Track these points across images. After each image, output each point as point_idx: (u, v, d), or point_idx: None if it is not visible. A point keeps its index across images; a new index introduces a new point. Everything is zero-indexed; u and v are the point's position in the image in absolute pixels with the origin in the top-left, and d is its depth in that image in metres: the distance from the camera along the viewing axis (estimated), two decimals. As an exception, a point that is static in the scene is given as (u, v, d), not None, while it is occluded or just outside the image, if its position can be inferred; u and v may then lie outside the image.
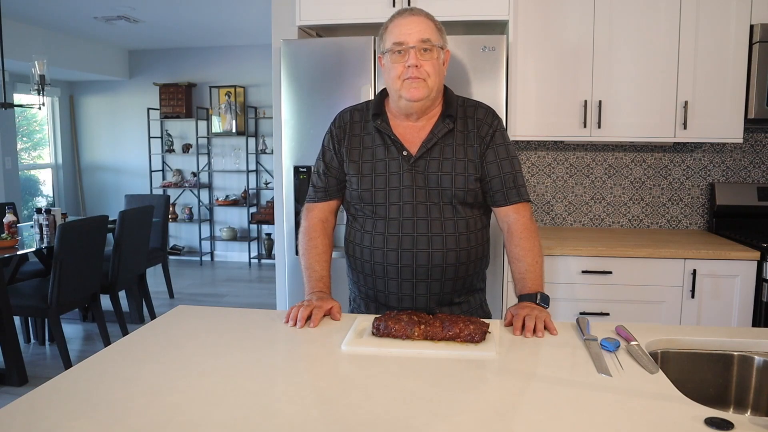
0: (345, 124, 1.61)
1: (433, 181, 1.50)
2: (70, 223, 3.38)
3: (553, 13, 2.75)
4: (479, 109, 1.56)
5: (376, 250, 1.54)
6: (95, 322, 3.87)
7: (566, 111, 2.78)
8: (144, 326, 1.46)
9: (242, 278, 6.12)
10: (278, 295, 2.98)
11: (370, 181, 1.54)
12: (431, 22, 1.49)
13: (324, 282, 1.58)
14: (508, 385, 1.11)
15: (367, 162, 1.55)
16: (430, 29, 1.47)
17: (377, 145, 1.55)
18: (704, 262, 2.51)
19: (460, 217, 1.52)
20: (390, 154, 1.53)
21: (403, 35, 1.46)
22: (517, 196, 1.55)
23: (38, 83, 4.06)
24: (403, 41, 1.46)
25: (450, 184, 1.50)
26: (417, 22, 1.47)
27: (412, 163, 1.51)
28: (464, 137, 1.53)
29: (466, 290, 1.60)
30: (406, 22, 1.47)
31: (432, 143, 1.51)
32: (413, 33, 1.46)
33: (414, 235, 1.51)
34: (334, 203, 1.66)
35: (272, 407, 1.03)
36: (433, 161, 1.51)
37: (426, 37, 1.46)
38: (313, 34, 2.86)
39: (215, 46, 6.65)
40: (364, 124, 1.58)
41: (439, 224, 1.51)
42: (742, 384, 1.34)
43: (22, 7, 4.80)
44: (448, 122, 1.52)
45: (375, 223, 1.54)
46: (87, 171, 7.25)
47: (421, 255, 1.51)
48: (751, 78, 2.64)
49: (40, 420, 0.97)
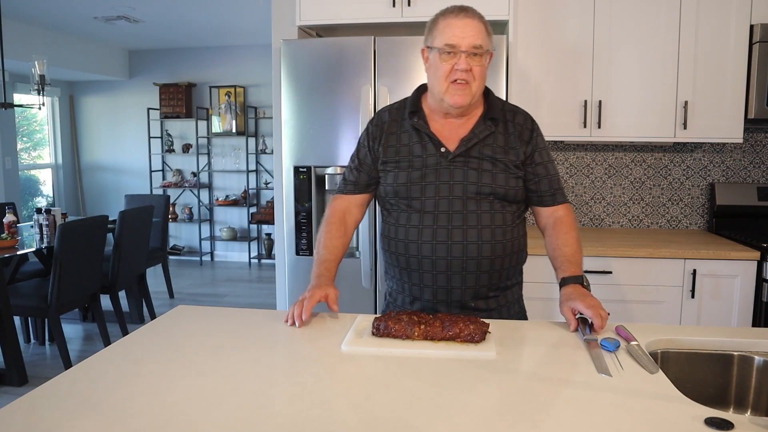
0: (383, 122, 1.62)
1: (472, 177, 1.51)
2: (70, 223, 3.38)
3: (553, 13, 2.75)
4: (518, 115, 1.58)
5: (410, 243, 1.54)
6: (95, 322, 3.87)
7: (566, 111, 2.78)
8: (144, 326, 1.46)
9: (242, 278, 6.12)
10: (278, 295, 2.98)
11: (407, 176, 1.54)
12: (483, 25, 1.49)
13: (326, 266, 1.57)
14: (508, 385, 1.11)
15: (404, 158, 1.56)
16: (482, 33, 1.47)
17: (414, 142, 1.56)
18: (704, 262, 2.51)
19: (497, 210, 1.52)
20: (427, 150, 1.54)
21: (455, 38, 1.45)
22: (563, 196, 1.62)
23: (38, 83, 4.06)
24: (455, 44, 1.45)
25: (491, 181, 1.51)
26: (472, 26, 1.46)
27: (450, 160, 1.52)
28: (505, 139, 1.54)
29: (503, 284, 1.58)
30: (461, 24, 1.46)
31: (472, 143, 1.52)
32: (467, 37, 1.45)
33: (449, 228, 1.51)
34: (361, 197, 1.67)
35: (272, 407, 1.03)
36: (472, 159, 1.52)
37: (478, 43, 1.46)
38: (313, 34, 2.86)
39: (215, 46, 6.65)
40: (401, 122, 1.60)
41: (474, 217, 1.51)
42: (742, 384, 1.34)
43: (22, 7, 4.80)
44: (490, 124, 1.53)
45: (410, 216, 1.55)
46: (87, 171, 7.25)
47: (456, 247, 1.51)
48: (751, 78, 2.64)
49: (40, 420, 0.97)
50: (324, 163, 2.55)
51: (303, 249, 2.59)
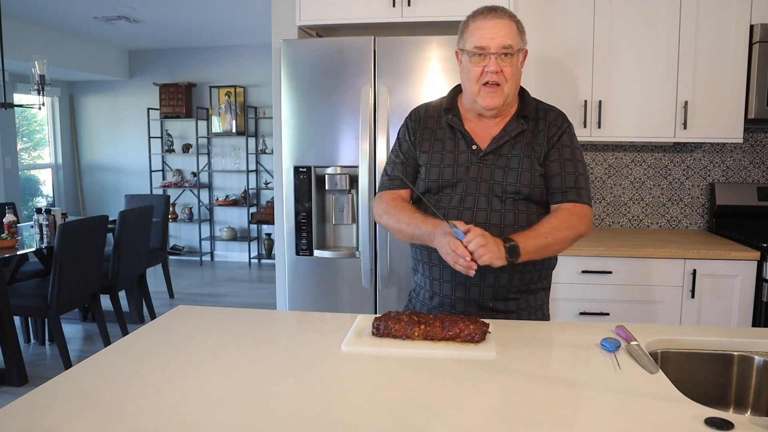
0: (420, 118, 1.63)
1: (498, 176, 1.51)
2: (70, 223, 3.37)
3: (553, 13, 2.75)
4: (551, 112, 1.57)
5: None
6: (95, 322, 3.87)
7: (566, 111, 2.72)
8: (144, 326, 1.46)
9: (242, 278, 6.12)
10: (278, 295, 2.98)
11: (438, 172, 1.55)
12: (514, 24, 1.48)
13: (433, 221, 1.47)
14: (508, 385, 1.11)
15: (437, 153, 1.57)
16: (512, 33, 1.46)
17: (448, 138, 1.57)
18: (704, 262, 2.51)
19: (521, 210, 1.52)
20: (459, 147, 1.55)
21: (485, 39, 1.45)
22: (576, 196, 1.51)
23: (38, 83, 4.06)
24: (484, 45, 1.45)
25: (515, 180, 1.50)
26: (501, 26, 1.45)
27: (481, 157, 1.53)
28: (533, 136, 1.53)
29: (525, 287, 1.57)
30: (490, 25, 1.45)
31: (503, 141, 1.52)
32: (496, 38, 1.44)
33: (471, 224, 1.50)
34: (406, 193, 1.64)
35: (272, 407, 1.03)
36: (501, 157, 1.52)
37: (508, 43, 1.45)
38: (313, 34, 2.86)
39: (215, 46, 6.65)
40: (437, 118, 1.61)
41: (498, 216, 1.51)
42: (742, 384, 1.34)
43: (22, 7, 4.80)
44: (522, 122, 1.53)
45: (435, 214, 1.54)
46: (87, 171, 7.24)
47: None
48: (751, 78, 2.64)
49: (40, 420, 0.97)
50: (324, 163, 2.55)
51: (303, 249, 2.59)
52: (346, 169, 2.54)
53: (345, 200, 2.58)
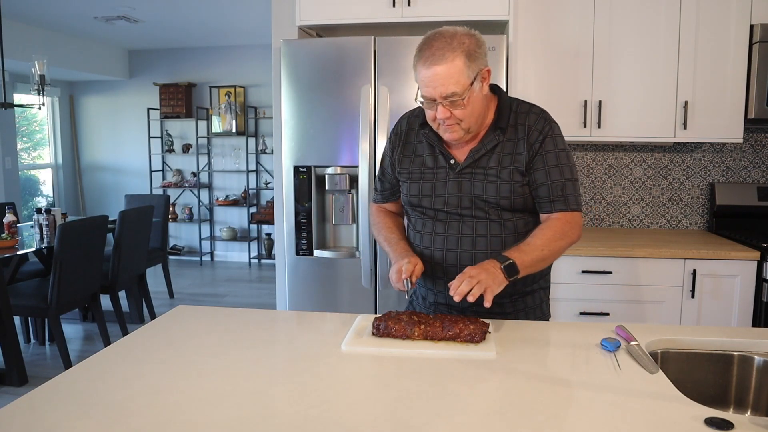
0: (402, 131, 1.62)
1: (478, 189, 1.49)
2: (70, 223, 3.37)
3: (553, 13, 2.75)
4: (530, 115, 1.50)
5: (425, 249, 1.56)
6: (95, 322, 3.87)
7: (566, 111, 2.78)
8: (144, 326, 1.46)
9: (242, 278, 6.12)
10: (278, 295, 2.98)
11: (418, 187, 1.56)
12: (457, 63, 1.35)
13: (402, 245, 1.57)
14: (508, 385, 1.11)
15: (417, 169, 1.57)
16: (454, 77, 1.35)
17: (426, 154, 1.56)
18: (704, 262, 2.51)
19: (506, 219, 1.51)
20: (438, 162, 1.54)
21: (427, 90, 1.39)
22: (564, 204, 1.48)
23: (38, 83, 4.06)
24: (427, 96, 1.40)
25: (495, 193, 1.48)
26: (439, 75, 1.35)
27: (458, 172, 1.51)
28: (513, 145, 1.48)
29: (519, 291, 1.56)
30: (429, 75, 1.36)
31: (480, 154, 1.49)
32: (437, 88, 1.36)
33: (458, 236, 1.51)
34: (393, 205, 1.72)
35: (272, 407, 1.03)
36: (479, 171, 1.50)
37: (450, 92, 1.36)
38: (313, 34, 2.86)
39: (215, 46, 6.65)
40: (417, 131, 1.59)
41: (484, 226, 1.50)
42: (742, 384, 1.34)
43: (22, 7, 4.80)
44: (498, 133, 1.49)
45: (425, 223, 1.57)
46: (87, 171, 7.24)
47: (465, 255, 1.51)
48: (751, 78, 2.64)
49: (40, 420, 0.97)
50: (324, 163, 2.55)
51: (303, 249, 2.59)
52: (346, 169, 2.54)
53: (345, 200, 2.58)
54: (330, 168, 2.55)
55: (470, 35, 1.38)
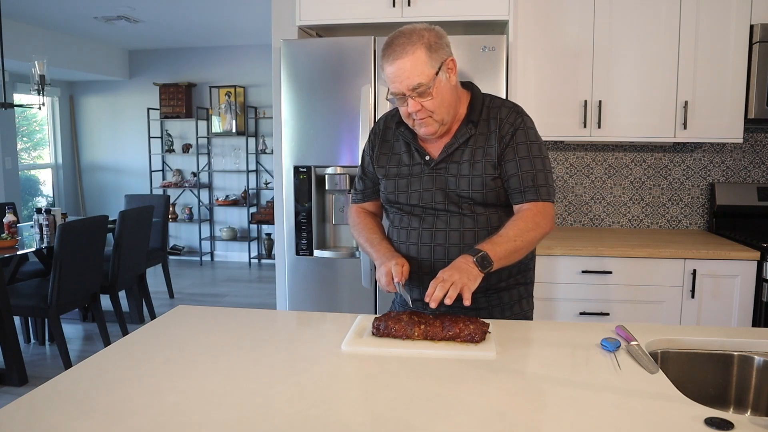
0: (380, 130, 1.65)
1: (452, 183, 1.51)
2: (70, 223, 3.37)
3: (553, 13, 2.75)
4: (503, 109, 1.52)
5: (401, 244, 1.58)
6: (95, 322, 3.87)
7: (566, 111, 2.78)
8: (144, 326, 1.46)
9: (242, 278, 6.12)
10: (278, 295, 2.98)
11: (394, 184, 1.58)
12: (417, 57, 1.38)
13: (385, 245, 1.57)
14: (508, 385, 1.11)
15: (394, 167, 1.59)
16: (417, 71, 1.38)
17: (403, 151, 1.59)
18: (704, 262, 2.51)
19: (479, 213, 1.52)
20: (414, 159, 1.56)
21: (395, 85, 1.42)
22: (535, 194, 1.48)
23: (38, 83, 4.06)
24: (395, 91, 1.43)
25: (467, 187, 1.50)
26: (403, 67, 1.39)
27: (432, 167, 1.53)
28: (485, 138, 1.50)
29: (491, 287, 1.56)
30: (393, 69, 1.40)
31: (453, 148, 1.51)
32: (403, 81, 1.40)
33: (433, 231, 1.53)
34: (372, 204, 1.72)
35: (272, 407, 1.03)
36: (452, 165, 1.51)
37: (415, 84, 1.39)
38: (313, 34, 2.86)
39: (215, 46, 6.65)
40: (394, 130, 1.61)
41: (457, 220, 1.52)
42: (742, 384, 1.34)
43: (22, 7, 4.80)
44: (471, 127, 1.51)
45: (402, 218, 1.59)
46: (87, 171, 7.24)
47: (438, 249, 1.52)
48: (751, 78, 2.64)
49: (40, 420, 0.97)
50: (324, 163, 2.55)
51: (303, 249, 2.59)
52: (346, 169, 2.54)
53: (345, 200, 2.58)
54: (330, 168, 2.55)
55: (429, 29, 1.43)
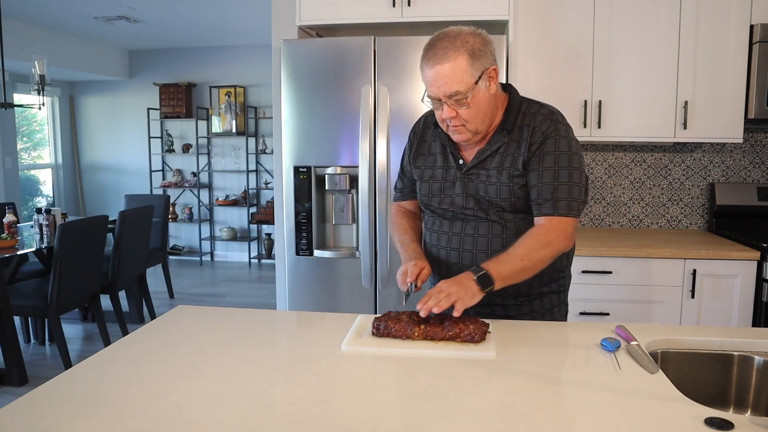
0: (419, 129, 1.65)
1: (481, 190, 1.50)
2: (70, 223, 3.37)
3: (553, 13, 2.75)
4: (538, 116, 1.48)
5: (432, 247, 1.59)
6: (95, 322, 3.87)
7: (566, 111, 2.72)
8: (144, 326, 1.46)
9: (242, 278, 6.12)
10: (278, 295, 2.98)
11: (428, 186, 1.58)
12: (460, 62, 1.35)
13: (414, 247, 1.60)
14: (508, 385, 1.11)
15: (429, 168, 1.59)
16: (457, 76, 1.35)
17: (439, 153, 1.58)
18: (704, 262, 2.51)
19: (508, 220, 1.50)
20: (448, 162, 1.56)
21: (432, 89, 1.40)
22: (551, 209, 1.42)
23: (38, 83, 4.06)
24: (433, 95, 1.42)
25: (495, 195, 1.49)
26: (442, 74, 1.36)
27: (464, 172, 1.53)
28: (517, 146, 1.47)
29: (524, 292, 1.54)
30: (432, 74, 1.38)
31: (485, 155, 1.50)
32: (441, 87, 1.38)
33: (461, 236, 1.54)
34: (411, 203, 1.73)
35: (272, 407, 1.03)
36: (482, 171, 1.50)
37: (453, 91, 1.37)
38: (313, 34, 2.86)
39: (215, 46, 6.65)
40: (433, 130, 1.60)
41: (485, 226, 1.51)
42: (742, 384, 1.34)
43: (22, 7, 4.80)
44: (504, 134, 1.48)
45: (434, 221, 1.60)
46: (87, 171, 7.24)
47: (466, 255, 1.53)
48: (751, 78, 2.64)
49: (40, 420, 0.97)
50: (324, 163, 2.55)
51: (303, 249, 2.59)
52: (346, 169, 2.54)
53: (345, 200, 2.58)
54: (330, 168, 2.55)
55: (475, 34, 1.39)
